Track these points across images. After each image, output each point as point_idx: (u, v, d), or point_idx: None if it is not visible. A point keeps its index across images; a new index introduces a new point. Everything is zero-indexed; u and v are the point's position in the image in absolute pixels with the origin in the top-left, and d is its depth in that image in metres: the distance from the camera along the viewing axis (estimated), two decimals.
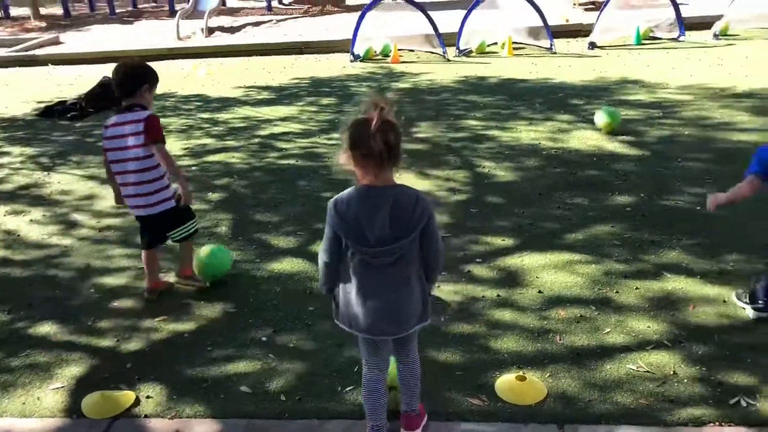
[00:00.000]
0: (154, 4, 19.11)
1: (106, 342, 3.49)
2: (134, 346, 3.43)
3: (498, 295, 3.73)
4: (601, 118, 6.32)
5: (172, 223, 3.84)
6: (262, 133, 7.05)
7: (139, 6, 18.42)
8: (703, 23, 11.35)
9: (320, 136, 6.81)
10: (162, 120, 7.67)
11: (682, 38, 10.84)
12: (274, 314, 3.66)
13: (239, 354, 3.32)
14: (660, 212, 4.62)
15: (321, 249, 2.51)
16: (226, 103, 8.44)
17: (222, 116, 7.83)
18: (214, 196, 5.38)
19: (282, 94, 8.79)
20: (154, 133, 3.58)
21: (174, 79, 10.19)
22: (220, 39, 13.08)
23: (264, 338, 3.44)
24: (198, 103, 8.52)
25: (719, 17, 11.15)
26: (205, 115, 7.90)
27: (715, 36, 10.83)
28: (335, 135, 6.73)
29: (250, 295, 3.86)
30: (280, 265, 4.18)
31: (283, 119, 7.53)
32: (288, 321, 3.58)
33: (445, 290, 3.80)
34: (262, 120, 7.56)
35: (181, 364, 3.27)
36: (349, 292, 2.48)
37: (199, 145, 6.73)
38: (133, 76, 3.62)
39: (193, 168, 6.06)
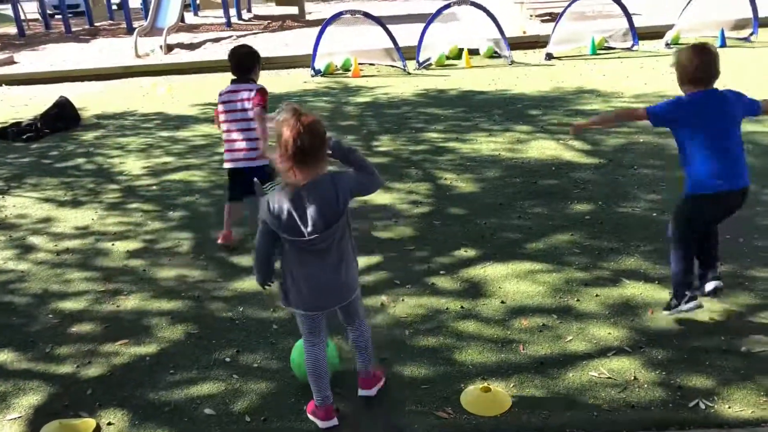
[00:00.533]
0: (111, 22, 18.88)
1: (65, 368, 3.41)
2: (95, 372, 3.37)
3: (462, 307, 3.75)
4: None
5: (263, 177, 4.50)
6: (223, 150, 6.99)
7: (96, 24, 18.18)
8: (655, 33, 11.64)
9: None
10: (121, 139, 7.63)
11: (635, 47, 11.10)
12: (237, 334, 3.62)
13: (203, 376, 3.28)
14: (617, 219, 4.71)
15: (256, 242, 2.83)
16: (186, 121, 8.36)
17: (182, 134, 7.75)
18: (175, 215, 5.32)
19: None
20: (265, 102, 4.41)
21: (133, 97, 10.07)
22: (180, 56, 12.97)
23: (228, 359, 3.41)
24: (158, 122, 8.42)
25: (671, 26, 11.46)
26: (165, 134, 7.82)
27: (667, 45, 11.13)
28: None
29: (213, 316, 3.83)
30: (243, 284, 4.15)
31: None
32: (252, 340, 3.55)
33: (410, 303, 3.82)
34: (222, 138, 7.49)
35: (143, 388, 3.22)
36: (295, 278, 2.77)
37: (159, 164, 6.65)
38: (249, 57, 4.56)
39: (154, 187, 5.99)
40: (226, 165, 4.63)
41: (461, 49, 11.18)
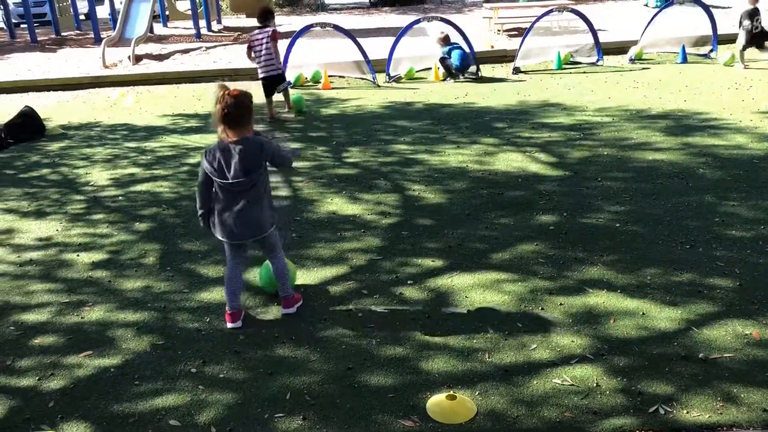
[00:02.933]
0: (78, 32, 18.67)
1: (26, 381, 3.35)
2: (57, 384, 3.32)
3: (428, 317, 3.78)
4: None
5: (278, 81, 8.29)
6: (191, 161, 6.97)
7: (63, 34, 17.96)
8: (619, 48, 11.92)
9: None
10: (87, 150, 7.55)
11: (600, 62, 11.34)
12: (203, 345, 3.60)
13: (168, 387, 3.26)
14: (582, 230, 4.80)
15: (198, 183, 3.64)
16: (153, 132, 8.31)
17: (149, 145, 7.70)
18: (141, 226, 5.27)
19: (211, 122, 8.71)
20: (276, 38, 8.11)
21: (100, 107, 9.97)
22: (148, 67, 12.88)
23: (193, 370, 3.39)
24: (124, 132, 8.35)
25: (634, 42, 11.74)
26: (132, 144, 7.76)
27: (631, 60, 11.38)
28: None
29: (179, 327, 3.80)
30: (209, 295, 4.13)
31: None
32: (218, 351, 3.54)
33: (377, 313, 3.83)
34: (191, 148, 7.47)
35: (107, 399, 3.18)
36: (217, 212, 3.61)
37: (126, 175, 6.59)
38: (267, 10, 8.30)
39: (120, 198, 5.93)
40: (261, 75, 8.24)
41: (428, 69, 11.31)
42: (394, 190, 5.82)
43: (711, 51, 11.46)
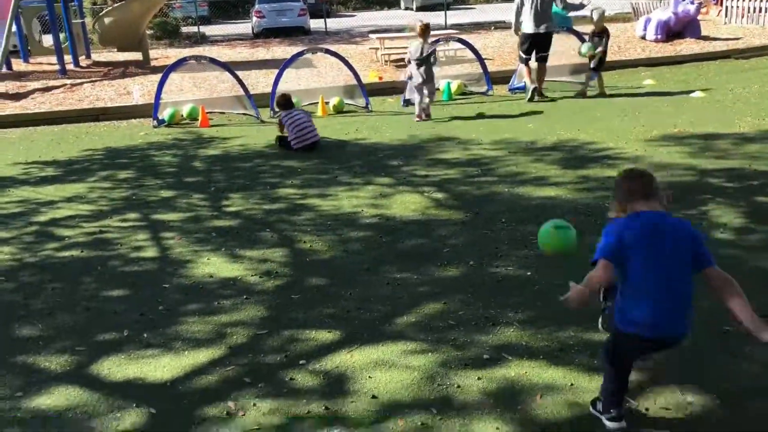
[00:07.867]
0: None
1: None
2: None
3: (326, 408, 3.13)
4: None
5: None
6: (41, 218, 5.98)
7: None
8: (509, 77, 11.85)
9: (112, 218, 5.87)
10: None
11: (490, 92, 11.20)
12: None
13: None
14: (491, 281, 4.32)
15: None
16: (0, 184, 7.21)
17: None
18: None
19: (70, 169, 7.71)
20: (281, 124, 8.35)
21: None
22: (2, 107, 11.56)
23: None
24: None
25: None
26: None
27: (511, 89, 11.30)
28: (131, 215, 5.91)
29: None
30: (49, 400, 3.27)
31: (69, 200, 6.49)
32: None
33: (262, 409, 3.14)
34: (42, 202, 6.46)
35: None
36: None
37: None
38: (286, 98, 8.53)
39: None
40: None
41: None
42: (281, 244, 5.16)
43: (591, 79, 11.59)
